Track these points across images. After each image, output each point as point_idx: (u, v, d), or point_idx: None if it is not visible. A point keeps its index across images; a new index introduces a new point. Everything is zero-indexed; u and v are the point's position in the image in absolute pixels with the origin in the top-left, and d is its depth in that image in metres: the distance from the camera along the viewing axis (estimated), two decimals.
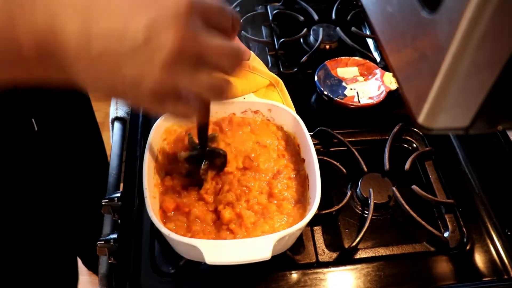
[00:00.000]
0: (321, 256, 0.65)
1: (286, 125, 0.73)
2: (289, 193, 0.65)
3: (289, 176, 0.68)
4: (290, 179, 0.67)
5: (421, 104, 0.31)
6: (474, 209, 0.71)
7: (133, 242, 0.66)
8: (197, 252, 0.54)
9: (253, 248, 0.54)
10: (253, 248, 0.54)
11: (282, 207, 0.64)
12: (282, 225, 0.62)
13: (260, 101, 0.73)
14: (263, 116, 0.74)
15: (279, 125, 0.73)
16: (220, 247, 0.55)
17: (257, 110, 0.73)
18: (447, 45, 0.27)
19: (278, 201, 0.64)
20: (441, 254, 0.66)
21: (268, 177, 0.67)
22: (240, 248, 0.55)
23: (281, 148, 0.71)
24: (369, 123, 0.83)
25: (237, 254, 0.54)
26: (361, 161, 0.75)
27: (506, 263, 0.65)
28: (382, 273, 0.64)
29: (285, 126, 0.73)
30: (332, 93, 0.86)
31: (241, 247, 0.55)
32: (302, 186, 0.66)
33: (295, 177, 0.68)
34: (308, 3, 1.06)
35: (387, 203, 0.71)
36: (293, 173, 0.68)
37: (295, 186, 0.67)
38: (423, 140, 0.80)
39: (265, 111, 0.73)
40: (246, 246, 0.55)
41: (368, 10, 0.40)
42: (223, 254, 0.54)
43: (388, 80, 0.87)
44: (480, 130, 0.33)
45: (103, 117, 1.10)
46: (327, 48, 0.98)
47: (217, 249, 0.54)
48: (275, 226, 0.61)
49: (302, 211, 0.63)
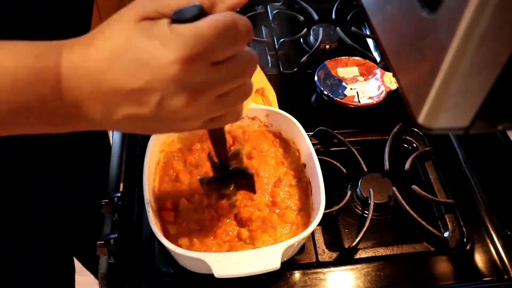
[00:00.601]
0: (321, 256, 0.65)
1: (285, 130, 0.72)
2: (292, 201, 0.65)
3: (290, 184, 0.67)
4: (292, 187, 0.67)
5: (421, 104, 0.31)
6: (474, 209, 0.71)
7: (133, 242, 0.66)
8: (204, 266, 0.53)
9: (261, 258, 0.54)
10: (262, 259, 0.54)
11: (285, 216, 0.63)
12: (285, 234, 0.61)
13: (257, 107, 0.73)
14: (261, 122, 0.73)
15: (277, 132, 0.73)
16: (228, 259, 0.54)
17: (254, 116, 0.73)
18: (447, 45, 0.27)
19: (281, 210, 0.64)
20: (441, 254, 0.66)
21: (270, 186, 0.67)
22: (248, 260, 0.54)
23: (279, 155, 0.71)
24: (369, 123, 0.83)
25: (246, 266, 0.53)
26: (361, 161, 0.75)
27: (506, 263, 0.65)
28: (382, 273, 0.63)
29: (283, 131, 0.72)
30: (332, 93, 0.86)
31: (250, 258, 0.54)
32: (304, 192, 0.66)
33: (297, 184, 0.67)
34: (308, 3, 1.06)
35: (387, 203, 0.71)
36: (294, 180, 0.68)
37: (297, 193, 0.66)
38: (423, 140, 0.80)
39: (262, 117, 0.73)
40: (254, 257, 0.54)
41: (368, 10, 0.40)
42: (231, 266, 0.53)
43: (388, 80, 0.87)
44: (480, 130, 0.33)
45: None
46: (327, 48, 0.98)
47: (225, 262, 0.53)
48: (277, 235, 0.61)
49: (306, 219, 0.63)
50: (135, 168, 0.73)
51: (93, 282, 1.55)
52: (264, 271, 0.53)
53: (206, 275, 0.63)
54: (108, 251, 0.66)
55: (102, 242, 0.67)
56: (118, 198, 0.72)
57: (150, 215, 0.58)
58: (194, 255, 0.54)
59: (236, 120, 0.44)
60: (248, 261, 0.54)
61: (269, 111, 0.72)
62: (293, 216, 0.63)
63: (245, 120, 0.73)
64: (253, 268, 0.53)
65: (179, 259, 0.60)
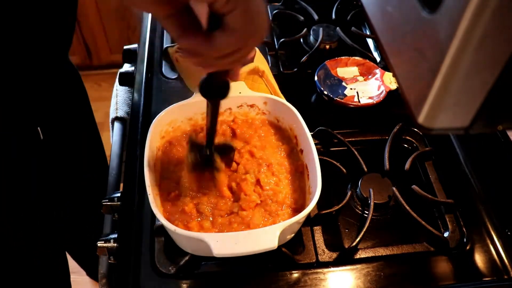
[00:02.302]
0: (321, 256, 0.65)
1: (282, 117, 0.73)
2: (289, 186, 0.66)
3: (288, 169, 0.68)
4: (289, 172, 0.68)
5: (421, 104, 0.31)
6: (474, 209, 0.71)
7: (133, 242, 0.66)
8: (204, 246, 0.54)
9: (259, 239, 0.55)
10: (259, 239, 0.55)
11: (282, 200, 0.64)
12: (283, 217, 0.62)
13: (256, 95, 0.74)
14: (259, 109, 0.74)
15: (275, 119, 0.74)
16: (226, 239, 0.55)
17: (253, 104, 0.74)
18: (447, 45, 0.27)
19: (278, 194, 0.65)
20: (441, 254, 0.66)
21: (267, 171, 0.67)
22: (246, 240, 0.55)
23: (277, 142, 0.72)
24: (369, 123, 0.83)
25: (244, 246, 0.54)
26: (361, 161, 0.75)
27: (506, 263, 0.65)
28: (382, 273, 0.63)
29: (281, 118, 0.73)
30: (332, 93, 0.86)
31: (248, 238, 0.55)
32: (301, 177, 0.67)
33: (294, 169, 0.68)
34: (308, 3, 1.06)
35: (387, 203, 0.71)
36: (291, 166, 0.69)
37: (295, 178, 0.67)
38: (423, 140, 0.80)
39: (260, 105, 0.74)
40: (252, 238, 0.55)
41: (368, 10, 0.40)
42: (230, 246, 0.54)
43: (388, 80, 0.87)
44: (480, 130, 0.33)
45: (103, 117, 1.10)
46: (327, 48, 0.98)
47: (224, 241, 0.54)
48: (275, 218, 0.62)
49: (302, 202, 0.64)
50: (135, 168, 0.73)
51: (93, 283, 1.55)
52: (262, 250, 0.54)
53: (206, 275, 0.63)
54: (108, 251, 0.67)
55: (102, 242, 0.67)
56: (118, 198, 0.72)
57: (151, 198, 0.58)
58: (194, 235, 0.56)
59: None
60: (246, 241, 0.55)
61: (267, 99, 0.74)
62: (290, 200, 0.64)
63: (244, 107, 0.74)
64: (251, 248, 0.54)
65: (179, 239, 0.61)
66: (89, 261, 1.39)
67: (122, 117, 0.89)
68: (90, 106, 1.06)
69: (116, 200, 0.72)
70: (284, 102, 0.72)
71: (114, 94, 0.94)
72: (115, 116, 0.89)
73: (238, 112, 0.74)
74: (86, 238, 1.16)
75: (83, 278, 1.52)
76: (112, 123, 0.90)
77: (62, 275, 1.11)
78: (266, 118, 0.75)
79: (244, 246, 0.54)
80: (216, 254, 0.53)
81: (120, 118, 0.89)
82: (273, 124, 0.74)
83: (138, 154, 0.75)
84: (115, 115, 0.89)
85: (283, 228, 0.55)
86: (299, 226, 0.65)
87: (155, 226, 0.66)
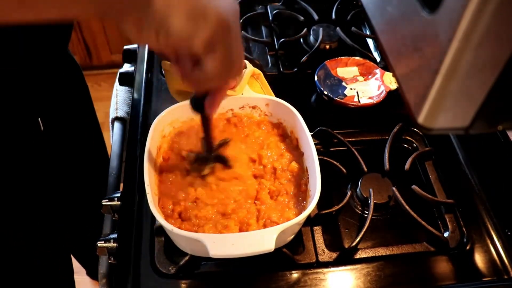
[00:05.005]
0: (321, 256, 0.65)
1: (284, 119, 0.73)
2: (289, 188, 0.66)
3: (288, 171, 0.68)
4: (290, 174, 0.68)
5: (421, 104, 0.31)
6: (474, 209, 0.71)
7: (133, 242, 0.66)
8: (201, 247, 0.54)
9: (256, 241, 0.55)
10: (256, 241, 0.55)
11: (282, 203, 0.64)
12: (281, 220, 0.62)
13: (258, 96, 0.74)
14: (261, 111, 0.74)
15: (276, 120, 0.74)
16: (224, 240, 0.55)
17: (255, 105, 0.74)
18: (447, 45, 0.27)
19: (278, 197, 0.65)
20: (441, 254, 0.66)
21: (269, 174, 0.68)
22: (243, 241, 0.55)
23: (278, 144, 0.72)
24: (369, 123, 0.83)
25: (241, 247, 0.54)
26: (361, 161, 0.75)
27: (506, 263, 0.65)
28: (382, 273, 0.63)
29: (283, 120, 0.73)
30: (332, 93, 0.86)
31: (245, 240, 0.55)
32: (302, 180, 0.67)
33: (295, 172, 0.68)
34: (308, 3, 1.06)
35: (387, 203, 0.71)
36: (292, 168, 0.68)
37: (295, 181, 0.67)
38: (423, 140, 0.80)
39: (262, 106, 0.74)
40: (249, 239, 0.55)
41: (368, 10, 0.40)
42: (227, 247, 0.54)
43: (388, 80, 0.87)
44: (480, 130, 0.33)
45: (103, 117, 1.10)
46: (327, 48, 0.98)
47: (221, 242, 0.54)
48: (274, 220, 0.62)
49: (302, 205, 0.63)
50: (135, 168, 0.73)
51: (93, 283, 1.55)
52: (259, 252, 0.54)
53: (206, 275, 0.63)
54: (108, 251, 0.67)
55: (102, 242, 0.67)
56: (118, 198, 0.72)
57: (149, 197, 0.58)
58: (191, 236, 0.55)
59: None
60: (243, 242, 0.55)
61: (269, 100, 0.74)
62: (290, 203, 0.64)
63: (246, 109, 0.74)
64: (248, 250, 0.54)
65: (176, 240, 0.61)
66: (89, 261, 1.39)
67: (122, 117, 0.89)
68: (91, 101, 1.06)
69: (116, 200, 0.72)
70: (286, 104, 0.72)
71: (114, 94, 0.94)
72: (115, 116, 0.89)
73: (240, 113, 0.74)
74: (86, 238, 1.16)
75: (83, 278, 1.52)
76: (112, 123, 0.90)
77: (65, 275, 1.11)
78: (270, 119, 0.75)
79: (241, 247, 0.54)
80: (213, 254, 0.53)
81: (120, 118, 0.89)
82: (275, 125, 0.74)
83: (138, 154, 0.75)
84: (115, 115, 0.89)
85: (280, 231, 0.55)
86: (299, 227, 0.65)
87: (155, 226, 0.66)
